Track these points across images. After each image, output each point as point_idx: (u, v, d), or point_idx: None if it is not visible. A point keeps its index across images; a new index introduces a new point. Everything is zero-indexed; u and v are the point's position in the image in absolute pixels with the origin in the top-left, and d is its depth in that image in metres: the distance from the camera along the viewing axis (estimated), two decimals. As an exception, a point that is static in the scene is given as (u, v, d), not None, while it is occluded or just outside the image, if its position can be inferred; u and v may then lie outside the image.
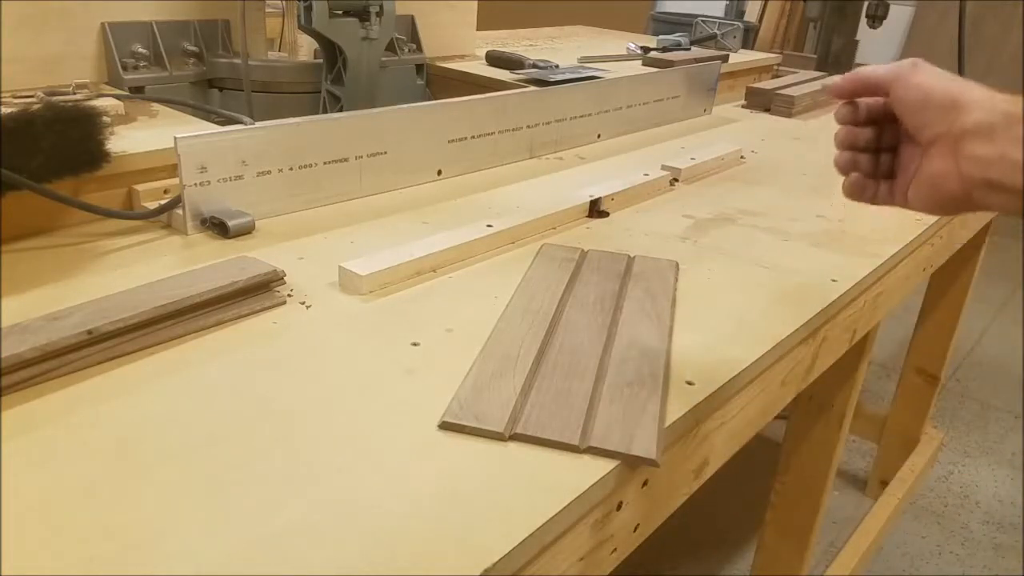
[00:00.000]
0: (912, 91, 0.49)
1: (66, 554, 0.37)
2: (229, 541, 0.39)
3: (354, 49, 1.10)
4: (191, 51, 1.08)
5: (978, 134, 0.45)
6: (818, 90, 1.59)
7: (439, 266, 0.71)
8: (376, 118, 0.88)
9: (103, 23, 0.99)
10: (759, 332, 0.65)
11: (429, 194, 0.91)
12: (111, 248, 0.70)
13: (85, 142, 0.70)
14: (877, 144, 0.54)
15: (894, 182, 0.53)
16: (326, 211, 0.83)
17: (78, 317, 0.52)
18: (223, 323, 0.59)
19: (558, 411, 0.50)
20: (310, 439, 0.47)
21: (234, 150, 0.75)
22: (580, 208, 0.87)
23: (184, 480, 0.43)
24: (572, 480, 0.45)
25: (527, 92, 1.09)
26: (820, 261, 0.81)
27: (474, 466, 0.46)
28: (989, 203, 0.47)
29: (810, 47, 3.02)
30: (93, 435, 0.46)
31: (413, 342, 0.58)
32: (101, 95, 0.90)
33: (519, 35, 1.89)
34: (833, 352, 0.80)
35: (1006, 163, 0.44)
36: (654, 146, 1.20)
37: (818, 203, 0.99)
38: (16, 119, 0.65)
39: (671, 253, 0.79)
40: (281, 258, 0.68)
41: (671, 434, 0.52)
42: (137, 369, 0.53)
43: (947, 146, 0.47)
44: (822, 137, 1.36)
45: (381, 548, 0.39)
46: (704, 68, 1.42)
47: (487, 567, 0.38)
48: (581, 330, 0.61)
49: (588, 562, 0.48)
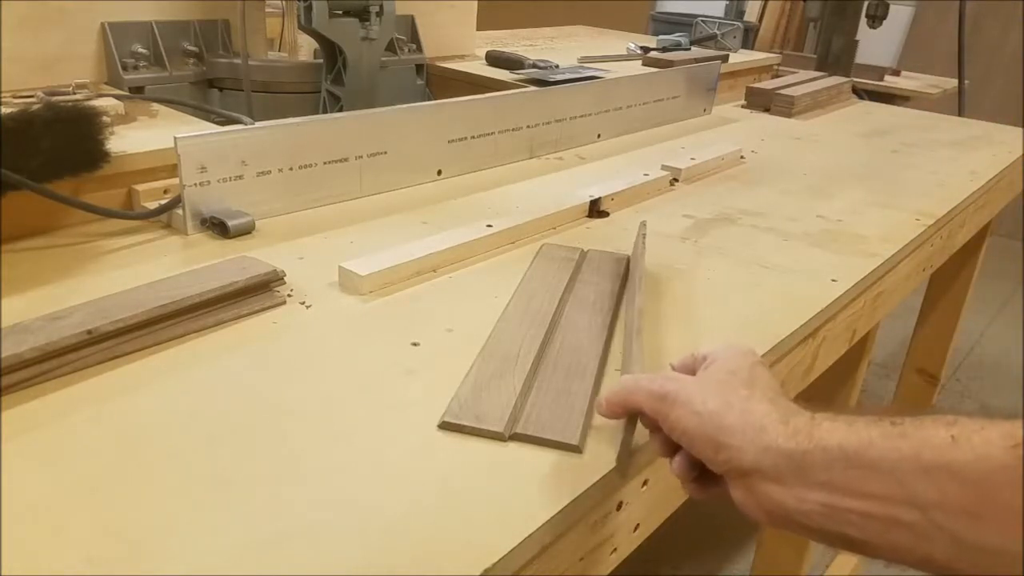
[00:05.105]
0: (674, 432, 0.42)
1: (66, 554, 0.37)
2: (229, 541, 0.39)
3: (354, 49, 1.10)
4: (191, 51, 1.08)
5: (763, 475, 0.39)
6: (818, 90, 1.59)
7: (439, 266, 0.71)
8: (376, 118, 0.88)
9: (103, 23, 0.99)
10: (759, 332, 0.65)
11: (429, 194, 0.91)
12: (111, 248, 0.70)
13: (85, 142, 0.70)
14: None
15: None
16: (326, 211, 0.83)
17: (78, 317, 0.52)
18: (223, 323, 0.59)
19: (558, 411, 0.50)
20: (310, 439, 0.47)
21: (234, 150, 0.75)
22: (580, 208, 0.87)
23: (184, 480, 0.43)
24: (572, 480, 0.45)
25: (527, 92, 1.09)
26: (820, 261, 0.81)
27: (474, 466, 0.46)
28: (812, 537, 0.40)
29: (810, 47, 3.02)
30: (93, 435, 0.46)
31: (413, 342, 0.58)
32: (101, 95, 0.90)
33: (519, 35, 1.89)
34: (833, 352, 0.80)
35: (808, 506, 0.38)
36: (654, 146, 1.20)
37: (818, 203, 0.99)
38: (16, 119, 0.65)
39: (671, 253, 0.79)
40: (281, 258, 0.68)
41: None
42: (137, 369, 0.53)
43: (736, 479, 0.41)
44: (822, 137, 1.36)
45: (381, 548, 0.39)
46: (704, 68, 1.42)
47: (487, 567, 0.38)
48: (581, 330, 0.61)
49: (588, 562, 0.48)
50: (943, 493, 0.34)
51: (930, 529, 0.35)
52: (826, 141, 1.34)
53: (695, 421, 0.41)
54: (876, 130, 1.45)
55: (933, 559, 0.35)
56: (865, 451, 0.37)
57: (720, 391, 0.42)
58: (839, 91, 1.69)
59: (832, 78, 1.74)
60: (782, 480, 0.38)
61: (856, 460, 0.37)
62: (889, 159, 1.26)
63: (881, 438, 0.37)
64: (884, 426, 0.37)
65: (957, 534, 0.34)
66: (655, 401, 0.43)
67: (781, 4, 3.27)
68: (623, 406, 0.45)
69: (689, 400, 0.42)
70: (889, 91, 1.93)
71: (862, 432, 0.37)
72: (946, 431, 0.35)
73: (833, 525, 0.38)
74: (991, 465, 0.33)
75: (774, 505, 0.39)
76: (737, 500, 0.41)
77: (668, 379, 0.44)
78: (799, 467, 0.38)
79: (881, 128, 1.47)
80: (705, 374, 0.45)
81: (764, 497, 0.39)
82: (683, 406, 0.42)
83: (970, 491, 0.34)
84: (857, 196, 1.03)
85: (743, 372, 0.44)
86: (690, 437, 0.42)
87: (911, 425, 0.36)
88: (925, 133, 1.45)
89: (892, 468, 0.36)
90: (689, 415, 0.41)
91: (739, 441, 0.40)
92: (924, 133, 1.45)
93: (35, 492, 0.41)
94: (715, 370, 0.44)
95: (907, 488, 0.35)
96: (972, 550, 0.34)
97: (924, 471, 0.35)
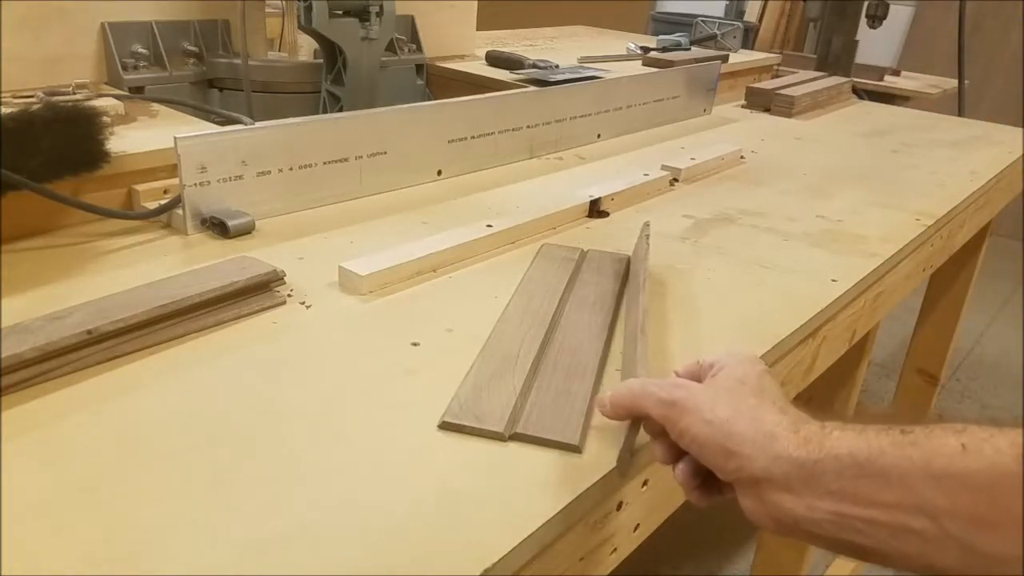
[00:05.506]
0: (683, 439, 0.42)
1: (66, 554, 0.37)
2: (229, 541, 0.39)
3: (354, 49, 1.10)
4: (191, 51, 1.08)
5: (773, 484, 0.39)
6: (818, 90, 1.59)
7: (439, 266, 0.71)
8: (376, 118, 0.88)
9: (103, 23, 0.99)
10: (759, 332, 0.65)
11: (429, 194, 0.91)
12: (111, 248, 0.70)
13: (85, 142, 0.70)
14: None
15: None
16: (326, 211, 0.83)
17: (78, 317, 0.52)
18: (223, 323, 0.59)
19: (558, 411, 0.50)
20: (310, 439, 0.47)
21: (234, 150, 0.75)
22: (580, 208, 0.87)
23: (184, 480, 0.43)
24: (572, 480, 0.45)
25: (527, 92, 1.09)
26: (820, 261, 0.81)
27: (474, 466, 0.46)
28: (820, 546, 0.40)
29: (810, 47, 3.02)
30: (93, 435, 0.46)
31: (413, 342, 0.58)
32: (101, 95, 0.90)
33: (519, 35, 1.89)
34: (833, 352, 0.80)
35: (819, 515, 0.38)
36: (654, 146, 1.20)
37: (818, 203, 0.99)
38: (16, 119, 0.65)
39: (671, 253, 0.79)
40: (281, 258, 0.68)
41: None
42: (137, 369, 0.53)
43: (746, 488, 0.40)
44: (822, 137, 1.36)
45: (381, 548, 0.39)
46: (704, 68, 1.42)
47: (487, 567, 0.38)
48: (581, 330, 0.61)
49: (588, 562, 0.48)
50: (953, 501, 0.34)
51: (940, 537, 0.35)
52: (826, 141, 1.34)
53: (705, 429, 0.41)
54: (876, 130, 1.45)
55: (943, 567, 0.35)
56: (876, 459, 0.37)
57: (730, 399, 0.42)
58: (839, 91, 1.69)
59: (832, 78, 1.74)
60: (793, 489, 0.38)
61: (867, 468, 0.37)
62: (889, 159, 1.26)
63: (892, 446, 0.37)
64: (894, 434, 0.37)
65: (967, 542, 0.34)
66: (664, 407, 0.43)
67: (781, 4, 3.27)
68: (629, 409, 0.45)
69: (698, 408, 0.42)
70: (889, 91, 1.93)
71: (872, 440, 0.37)
72: (956, 439, 0.35)
73: (843, 533, 0.38)
74: (1001, 473, 0.34)
75: (784, 514, 0.39)
76: (746, 509, 0.41)
77: (677, 385, 0.44)
78: (810, 476, 0.38)
79: (881, 128, 1.47)
80: (713, 381, 0.44)
81: (774, 506, 0.39)
82: (692, 413, 0.42)
83: (980, 499, 0.34)
84: (857, 196, 1.03)
85: (752, 380, 0.44)
86: (699, 445, 0.41)
87: (921, 433, 0.36)
88: (925, 133, 1.45)
89: (903, 476, 0.36)
90: (699, 423, 0.41)
91: (750, 449, 0.40)
92: (924, 133, 1.45)
93: (35, 492, 0.41)
94: (724, 378, 0.44)
95: (918, 496, 0.35)
96: (982, 558, 0.34)
97: (935, 479, 0.35)
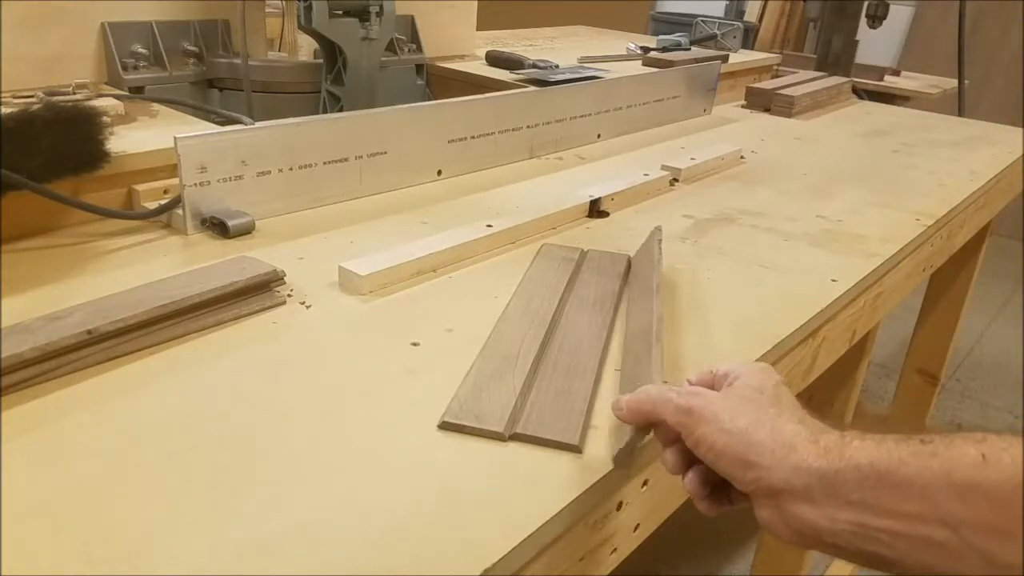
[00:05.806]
0: (699, 448, 0.42)
1: (66, 554, 0.37)
2: (229, 541, 0.39)
3: (354, 49, 1.10)
4: (191, 51, 1.08)
5: (793, 495, 0.38)
6: (818, 90, 1.59)
7: (439, 266, 0.71)
8: (376, 118, 0.88)
9: (103, 23, 0.99)
10: (759, 332, 0.65)
11: (429, 194, 0.91)
12: (111, 248, 0.70)
13: (85, 142, 0.70)
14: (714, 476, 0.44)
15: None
16: (326, 211, 0.83)
17: (78, 317, 0.52)
18: (223, 323, 0.59)
19: (558, 411, 0.50)
20: (310, 439, 0.47)
21: (234, 150, 0.75)
22: (580, 208, 0.87)
23: (184, 480, 0.43)
24: (572, 480, 0.45)
25: (527, 92, 1.09)
26: (820, 261, 0.81)
27: (474, 466, 0.46)
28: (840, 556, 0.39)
29: (810, 47, 3.02)
30: (93, 435, 0.46)
31: (413, 342, 0.58)
32: (101, 95, 0.90)
33: (519, 35, 1.89)
34: (833, 352, 0.80)
35: (840, 526, 0.37)
36: (654, 146, 1.20)
37: (818, 203, 0.99)
38: (16, 119, 0.65)
39: (671, 253, 0.79)
40: (281, 258, 0.68)
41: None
42: (137, 369, 0.53)
43: (764, 499, 0.40)
44: (822, 137, 1.36)
45: (381, 548, 0.39)
46: (704, 68, 1.42)
47: (487, 567, 0.38)
48: (581, 330, 0.61)
49: (588, 562, 0.48)
50: (974, 512, 0.34)
51: (962, 548, 0.35)
52: (826, 141, 1.34)
53: (723, 439, 0.41)
54: (876, 130, 1.45)
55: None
56: (897, 470, 0.36)
57: (749, 409, 0.42)
58: (839, 91, 1.69)
59: (832, 78, 1.74)
60: (813, 500, 0.38)
61: (888, 479, 0.37)
62: (889, 159, 1.26)
63: (912, 457, 0.36)
64: (914, 444, 0.37)
65: (988, 553, 0.34)
66: (681, 414, 0.42)
67: (781, 4, 3.27)
68: (645, 416, 0.45)
69: (716, 417, 0.41)
70: (889, 91, 1.93)
71: (892, 451, 0.37)
72: (976, 449, 0.35)
73: (864, 544, 0.37)
74: (1021, 483, 0.33)
75: (804, 525, 0.38)
76: (763, 520, 0.40)
77: (694, 393, 0.43)
78: (831, 486, 0.38)
79: (881, 128, 1.47)
80: (731, 391, 0.44)
81: (793, 517, 0.39)
82: (711, 422, 0.41)
83: (1001, 510, 0.34)
84: (857, 196, 1.03)
85: (768, 391, 0.43)
86: (716, 454, 0.41)
87: (941, 444, 0.36)
88: (925, 133, 1.45)
89: (924, 487, 0.36)
90: (717, 432, 0.41)
91: (769, 460, 0.39)
92: (924, 133, 1.45)
93: (35, 492, 0.41)
94: (741, 387, 0.44)
95: (939, 507, 0.35)
96: (1003, 568, 0.34)
97: (955, 490, 0.35)
